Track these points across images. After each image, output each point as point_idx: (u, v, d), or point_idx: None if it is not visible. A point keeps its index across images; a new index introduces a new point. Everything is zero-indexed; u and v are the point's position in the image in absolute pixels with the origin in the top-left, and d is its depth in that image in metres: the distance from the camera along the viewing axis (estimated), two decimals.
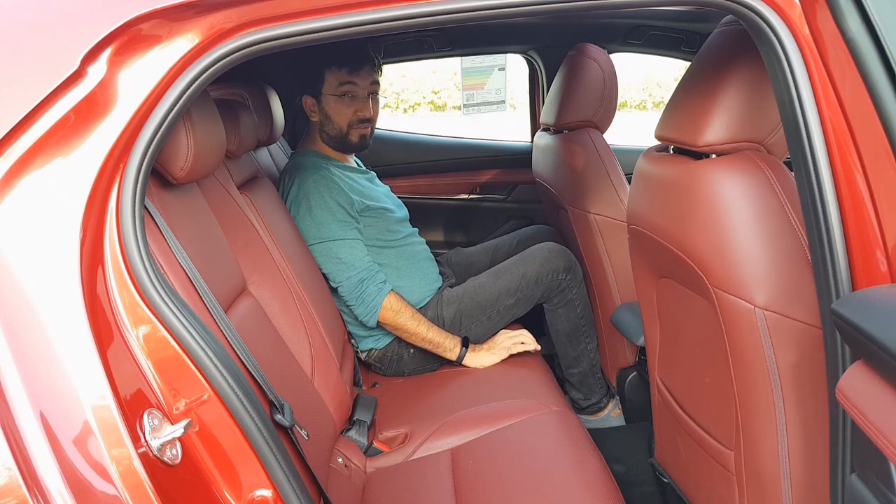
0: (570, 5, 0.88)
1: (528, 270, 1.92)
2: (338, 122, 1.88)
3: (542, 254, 1.95)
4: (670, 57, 2.62)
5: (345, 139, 1.90)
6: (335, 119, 1.87)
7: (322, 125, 1.90)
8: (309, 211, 1.76)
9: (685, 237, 1.13)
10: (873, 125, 0.81)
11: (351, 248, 1.76)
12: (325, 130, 1.91)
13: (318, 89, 1.86)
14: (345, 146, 1.92)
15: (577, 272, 1.97)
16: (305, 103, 1.90)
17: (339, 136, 1.90)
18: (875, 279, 0.83)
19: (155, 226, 0.94)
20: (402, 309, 1.78)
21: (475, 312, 1.90)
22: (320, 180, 1.78)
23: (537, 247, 2.00)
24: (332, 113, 1.87)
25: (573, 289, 1.96)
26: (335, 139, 1.91)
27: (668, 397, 1.42)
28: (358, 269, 1.76)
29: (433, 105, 11.78)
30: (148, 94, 0.79)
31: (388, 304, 1.76)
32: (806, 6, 0.85)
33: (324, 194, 1.77)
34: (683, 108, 1.16)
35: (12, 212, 0.73)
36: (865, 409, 0.74)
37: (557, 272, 1.93)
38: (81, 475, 0.69)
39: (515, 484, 1.31)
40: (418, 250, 2.02)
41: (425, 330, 1.79)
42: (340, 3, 0.83)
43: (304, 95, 1.90)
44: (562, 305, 1.97)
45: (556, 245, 1.99)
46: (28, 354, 0.71)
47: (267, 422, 0.88)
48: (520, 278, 1.92)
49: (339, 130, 1.89)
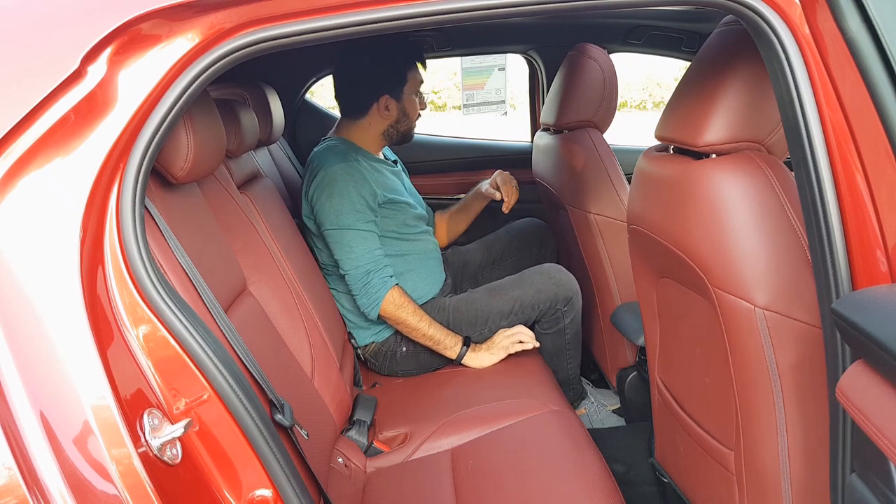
0: (570, 5, 0.88)
1: (524, 294, 1.90)
2: (413, 118, 1.98)
3: (541, 279, 1.92)
4: (670, 57, 2.62)
5: (409, 133, 2.01)
6: (412, 115, 1.97)
7: (396, 122, 1.95)
8: (330, 197, 1.78)
9: (685, 237, 1.13)
10: (873, 125, 0.81)
11: (364, 238, 1.78)
12: (396, 127, 1.95)
13: (400, 89, 1.91)
14: (406, 139, 2.02)
15: (575, 302, 1.94)
16: (381, 103, 1.90)
17: (408, 130, 1.99)
18: (875, 279, 0.83)
19: (155, 226, 0.94)
20: (404, 304, 1.78)
21: (464, 327, 1.89)
22: (347, 169, 1.80)
23: (539, 269, 1.96)
24: (410, 110, 1.95)
25: (568, 317, 1.94)
26: (404, 134, 1.99)
27: (668, 397, 1.42)
28: (366, 260, 1.77)
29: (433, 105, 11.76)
30: (148, 94, 0.79)
31: (391, 297, 1.77)
32: (806, 6, 0.85)
33: (348, 183, 1.78)
34: (683, 108, 1.16)
35: (12, 211, 0.73)
36: (865, 409, 0.74)
37: (556, 301, 1.91)
38: (81, 475, 0.69)
39: (515, 484, 1.31)
40: (429, 249, 2.04)
41: (426, 326, 1.79)
42: (340, 3, 0.83)
43: (384, 95, 1.89)
44: (552, 331, 1.95)
45: (559, 270, 1.95)
46: (28, 354, 0.71)
47: (267, 422, 0.89)
48: (514, 301, 1.89)
49: (410, 126, 1.99)
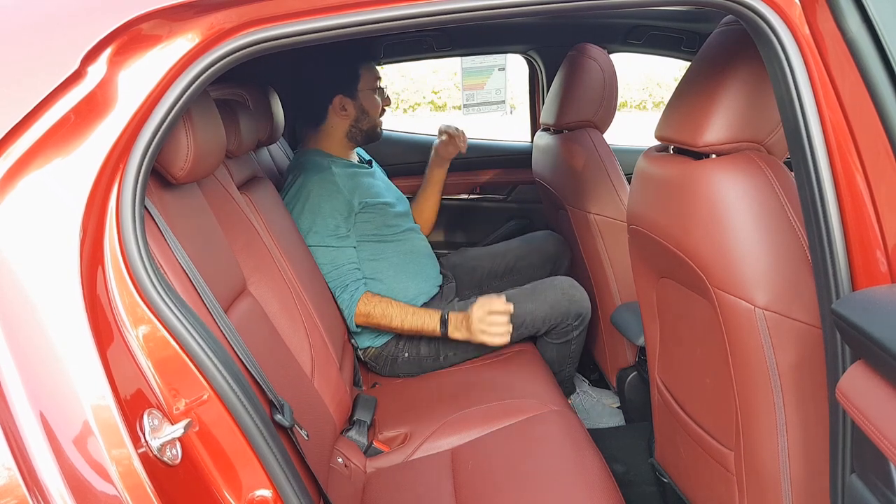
0: (570, 5, 0.88)
1: (537, 309, 1.86)
2: (373, 115, 1.94)
3: (554, 294, 1.88)
4: (670, 57, 2.62)
5: (374, 131, 1.97)
6: (371, 112, 1.93)
7: (357, 121, 1.93)
8: (301, 213, 1.80)
9: (685, 237, 1.13)
10: (873, 125, 0.81)
11: (334, 255, 1.79)
12: (357, 126, 1.93)
13: (354, 86, 1.89)
14: (373, 137, 1.98)
15: (586, 318, 1.91)
16: (335, 104, 1.90)
17: (371, 128, 1.96)
18: (875, 279, 0.83)
19: (155, 226, 0.94)
20: (370, 313, 1.78)
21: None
22: (321, 183, 1.80)
23: (552, 282, 1.92)
24: (368, 107, 1.92)
25: (576, 331, 1.92)
26: (367, 133, 1.96)
27: (668, 397, 1.42)
28: (334, 276, 1.79)
29: (433, 105, 11.76)
30: (148, 94, 0.79)
31: (360, 309, 1.77)
32: (806, 6, 0.85)
33: (322, 197, 1.78)
34: (683, 108, 1.16)
35: (12, 212, 0.73)
36: (865, 409, 0.74)
37: (567, 317, 1.88)
38: (81, 475, 0.69)
39: (515, 484, 1.31)
40: (418, 246, 2.02)
41: (400, 323, 1.78)
42: (340, 3, 0.83)
43: (338, 96, 1.88)
44: (558, 342, 1.93)
45: (572, 286, 1.91)
46: (28, 354, 0.71)
47: (267, 422, 0.88)
48: (526, 315, 1.86)
49: (373, 123, 1.95)
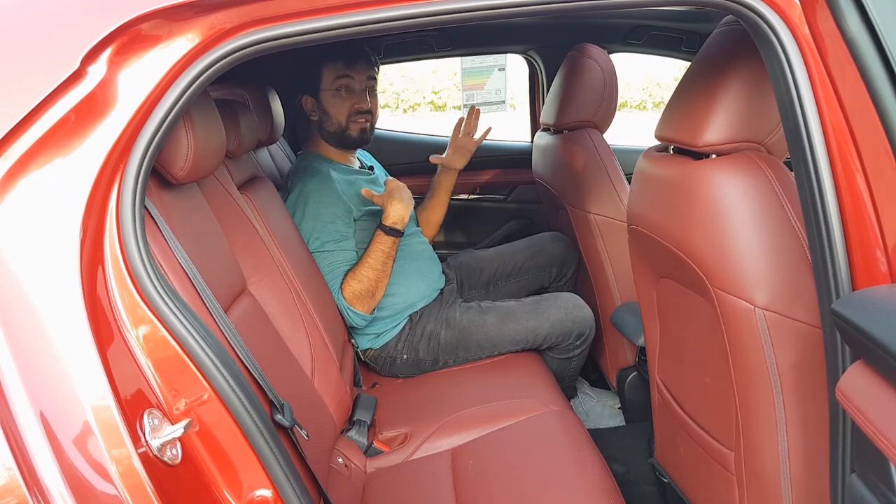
0: (570, 5, 0.88)
1: (538, 327, 1.85)
2: (336, 117, 1.88)
3: (557, 313, 1.87)
4: (670, 57, 2.62)
5: (344, 134, 1.90)
6: (333, 114, 1.88)
7: (322, 123, 1.91)
8: (303, 218, 1.80)
9: (685, 237, 1.13)
10: (873, 125, 0.81)
11: (334, 258, 1.79)
12: (324, 128, 1.91)
13: (317, 87, 1.87)
14: (345, 142, 1.92)
15: (589, 336, 1.91)
16: (305, 104, 1.91)
17: (339, 131, 1.90)
18: (875, 279, 0.83)
19: (155, 226, 0.94)
20: (352, 290, 1.75)
21: (472, 348, 1.87)
22: (319, 188, 1.80)
23: (556, 300, 1.91)
24: (329, 108, 1.88)
25: (577, 349, 1.91)
26: (335, 135, 1.91)
27: (668, 397, 1.42)
28: (333, 276, 1.78)
29: (433, 105, 11.77)
30: (148, 94, 0.79)
31: (346, 297, 1.75)
32: (806, 6, 0.85)
33: (322, 204, 1.78)
34: (683, 109, 1.16)
35: (12, 212, 0.73)
36: (865, 409, 0.73)
37: (569, 336, 1.87)
38: (81, 475, 0.69)
39: (515, 484, 1.31)
40: (420, 249, 2.02)
41: (374, 271, 1.76)
42: (340, 3, 0.83)
43: (304, 96, 1.90)
44: (559, 357, 1.93)
45: (576, 305, 1.90)
46: (28, 354, 0.71)
47: (267, 422, 0.88)
48: (527, 332, 1.85)
49: (339, 125, 1.89)
